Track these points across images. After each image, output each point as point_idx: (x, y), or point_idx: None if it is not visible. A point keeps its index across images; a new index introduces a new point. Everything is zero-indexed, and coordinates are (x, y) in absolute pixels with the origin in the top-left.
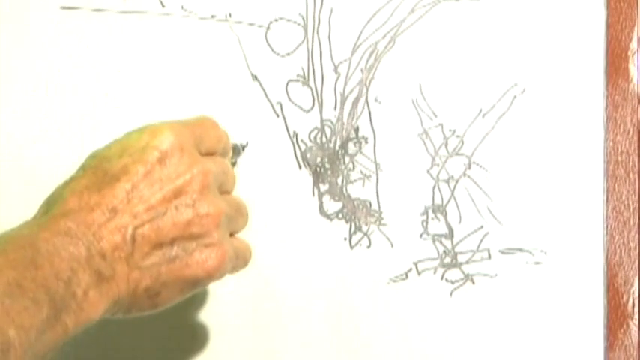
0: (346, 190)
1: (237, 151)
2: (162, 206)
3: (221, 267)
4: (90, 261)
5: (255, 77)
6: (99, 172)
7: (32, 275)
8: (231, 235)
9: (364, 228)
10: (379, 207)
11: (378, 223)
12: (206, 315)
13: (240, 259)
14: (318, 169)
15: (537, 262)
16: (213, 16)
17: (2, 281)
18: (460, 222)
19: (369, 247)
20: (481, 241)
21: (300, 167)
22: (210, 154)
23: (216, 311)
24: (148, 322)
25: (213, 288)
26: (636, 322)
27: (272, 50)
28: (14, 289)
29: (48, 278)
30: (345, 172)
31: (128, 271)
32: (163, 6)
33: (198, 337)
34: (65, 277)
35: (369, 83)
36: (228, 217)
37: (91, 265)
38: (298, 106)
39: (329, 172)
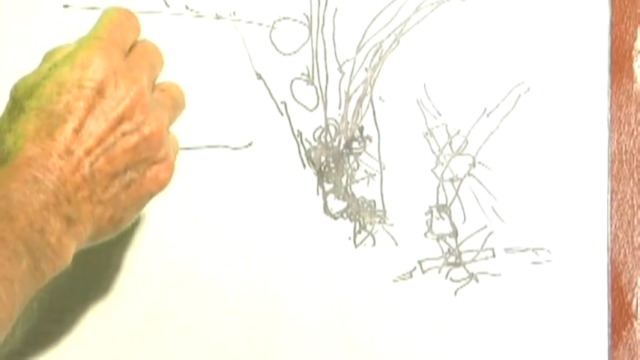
0: (350, 189)
1: None
2: (110, 136)
3: (171, 177)
4: (58, 208)
5: (259, 76)
6: (43, 114)
7: (10, 227)
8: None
9: (368, 227)
10: (383, 206)
11: (382, 222)
12: (208, 315)
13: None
14: (322, 168)
15: (541, 262)
16: (217, 16)
17: None
18: (464, 221)
19: (373, 246)
20: (485, 240)
21: (304, 166)
22: (132, 46)
23: (218, 311)
24: (147, 322)
25: (216, 288)
26: None
27: (276, 49)
28: None
29: (24, 229)
30: (350, 171)
31: (92, 208)
32: (168, 6)
33: (199, 336)
34: (39, 227)
35: (374, 82)
36: (169, 122)
37: (60, 212)
38: (303, 105)
39: (333, 171)
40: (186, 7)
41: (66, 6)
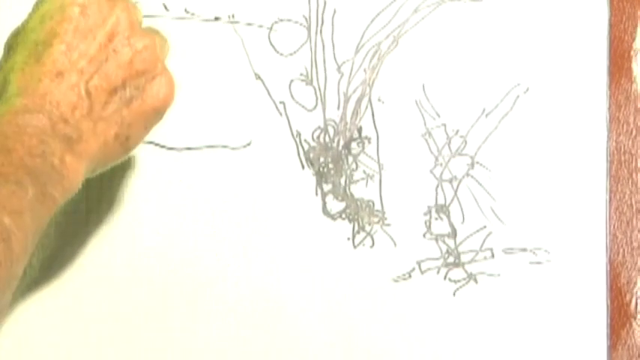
0: (349, 189)
1: None
2: (102, 53)
3: (173, 92)
4: (55, 129)
5: (258, 77)
6: (29, 45)
7: (8, 160)
8: None
9: (367, 228)
10: (382, 207)
11: (381, 222)
12: (208, 314)
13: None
14: (321, 169)
15: (540, 262)
16: (216, 18)
17: None
18: (463, 222)
19: (372, 246)
20: (484, 240)
21: (303, 167)
22: None
23: (218, 311)
24: (147, 321)
25: (216, 288)
26: (639, 322)
27: (275, 50)
28: None
29: (23, 158)
30: (349, 171)
31: (93, 125)
32: (167, 9)
33: (199, 336)
34: (39, 152)
35: (372, 83)
36: (158, 45)
37: (58, 133)
38: (301, 106)
39: (332, 172)
40: (186, 11)
41: None
